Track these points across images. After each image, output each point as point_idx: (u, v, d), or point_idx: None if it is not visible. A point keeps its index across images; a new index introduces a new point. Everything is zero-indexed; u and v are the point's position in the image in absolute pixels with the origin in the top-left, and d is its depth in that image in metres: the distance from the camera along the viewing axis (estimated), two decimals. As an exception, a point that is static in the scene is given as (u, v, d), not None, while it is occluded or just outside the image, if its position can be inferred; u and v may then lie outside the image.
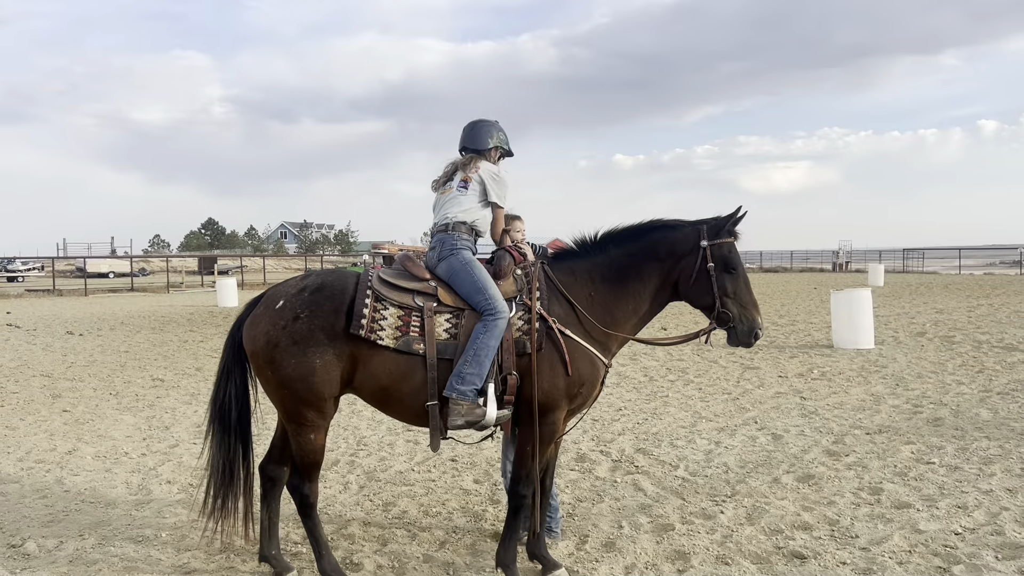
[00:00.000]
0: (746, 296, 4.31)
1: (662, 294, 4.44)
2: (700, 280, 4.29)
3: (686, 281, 4.33)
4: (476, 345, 4.01)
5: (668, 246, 4.36)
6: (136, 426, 8.16)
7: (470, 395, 4.00)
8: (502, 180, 4.55)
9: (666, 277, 4.38)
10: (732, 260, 4.30)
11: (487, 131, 4.66)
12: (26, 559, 4.62)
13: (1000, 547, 4.54)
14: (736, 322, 4.26)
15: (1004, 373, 10.26)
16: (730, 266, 4.29)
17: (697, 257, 4.29)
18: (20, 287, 41.92)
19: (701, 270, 4.28)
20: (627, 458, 6.63)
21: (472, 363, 3.99)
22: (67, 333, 17.69)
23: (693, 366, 11.43)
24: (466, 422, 4.02)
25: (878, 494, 5.52)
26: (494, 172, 4.54)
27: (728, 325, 4.27)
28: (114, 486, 6.06)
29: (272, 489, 4.51)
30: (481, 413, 4.01)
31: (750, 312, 4.28)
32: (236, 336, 4.45)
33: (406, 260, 4.47)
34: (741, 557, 4.50)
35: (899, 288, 30.46)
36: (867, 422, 7.73)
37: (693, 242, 4.32)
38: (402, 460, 6.69)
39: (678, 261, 4.34)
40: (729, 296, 4.27)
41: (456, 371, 4.02)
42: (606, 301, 4.36)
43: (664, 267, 4.37)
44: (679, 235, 4.37)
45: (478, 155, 4.60)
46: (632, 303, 4.39)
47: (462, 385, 3.99)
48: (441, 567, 4.46)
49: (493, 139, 4.65)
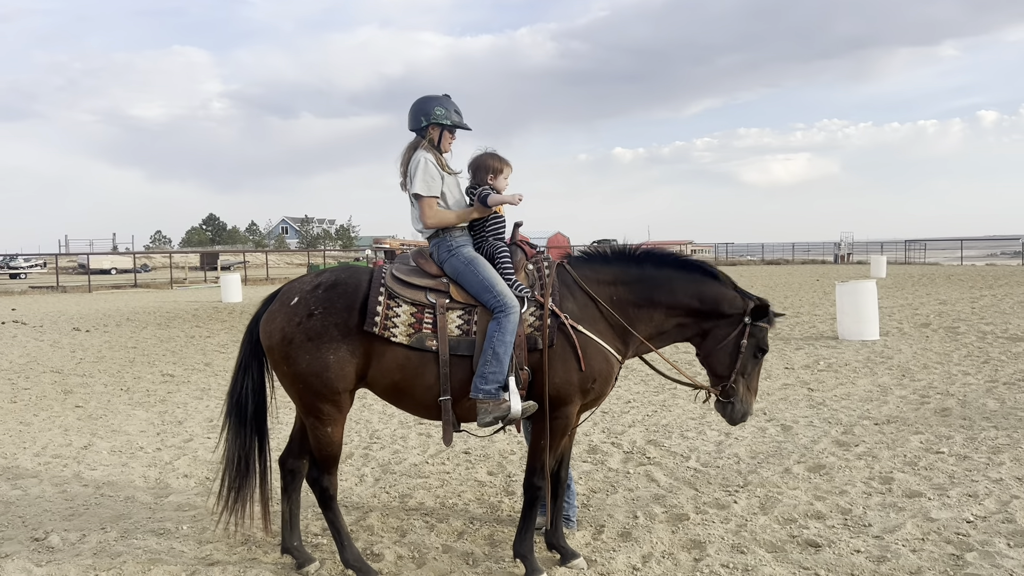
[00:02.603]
0: (755, 382, 4.50)
1: (684, 330, 4.50)
2: (728, 349, 4.39)
3: (715, 342, 4.42)
4: (492, 343, 4.06)
5: (714, 298, 4.42)
6: (149, 421, 8.23)
7: (494, 392, 4.05)
8: (417, 171, 4.32)
9: (698, 320, 4.44)
10: (763, 346, 4.45)
11: (422, 109, 4.46)
12: (51, 552, 4.68)
13: (1012, 535, 4.60)
14: (737, 402, 4.41)
15: (1010, 363, 10.31)
16: (760, 351, 4.43)
17: (735, 328, 4.38)
18: (23, 284, 41.99)
19: (734, 342, 4.38)
20: (639, 450, 6.69)
21: (492, 362, 4.04)
22: (74, 329, 17.76)
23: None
24: (494, 418, 4.07)
25: (889, 483, 5.58)
26: (414, 165, 4.35)
27: (729, 401, 4.42)
28: (131, 480, 6.13)
29: (292, 482, 4.57)
30: (507, 408, 4.06)
31: (751, 398, 4.47)
32: (253, 331, 4.51)
33: (419, 257, 4.50)
34: (756, 546, 4.56)
35: (902, 279, 30.49)
36: (875, 412, 7.78)
37: (739, 310, 4.40)
38: (415, 453, 6.75)
39: (717, 317, 4.41)
40: (743, 376, 4.41)
41: (478, 372, 4.07)
42: (628, 306, 4.40)
43: (700, 312, 4.43)
44: (728, 295, 4.43)
45: (411, 143, 4.48)
46: (655, 322, 4.44)
47: (486, 384, 4.04)
48: (460, 557, 4.52)
49: (428, 117, 4.44)
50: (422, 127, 4.46)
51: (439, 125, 4.45)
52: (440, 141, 4.47)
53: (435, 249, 4.44)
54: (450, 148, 4.55)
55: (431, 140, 4.45)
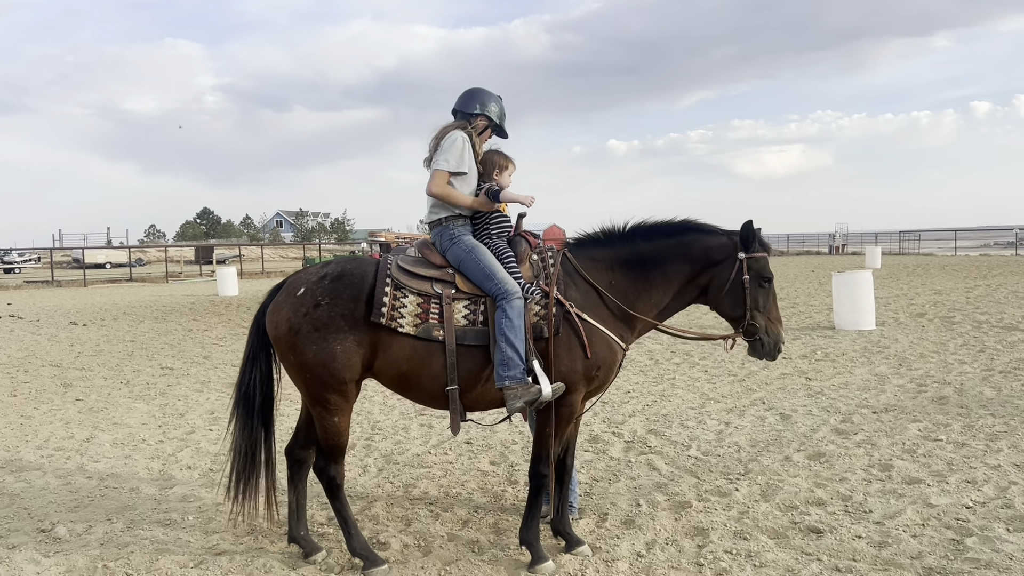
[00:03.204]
0: (774, 311, 4.42)
1: (686, 294, 4.50)
2: (734, 291, 4.36)
3: (718, 290, 4.40)
4: (503, 330, 4.08)
5: (702, 250, 4.41)
6: (150, 414, 8.24)
7: (520, 377, 4.06)
8: (451, 146, 4.34)
9: (693, 279, 4.44)
10: (766, 274, 4.39)
11: (479, 97, 4.55)
12: (57, 543, 4.70)
13: (1011, 520, 4.65)
14: (763, 335, 4.35)
15: (1005, 352, 10.39)
16: (764, 280, 4.37)
17: (733, 268, 4.35)
18: (18, 278, 41.84)
19: (736, 281, 4.35)
20: (639, 439, 6.73)
21: (506, 348, 4.06)
22: (71, 323, 17.73)
23: (697, 349, 11.54)
24: (524, 403, 4.06)
25: (888, 470, 5.63)
26: (451, 140, 4.36)
27: (755, 337, 4.36)
28: (135, 472, 6.15)
29: (299, 472, 4.60)
30: (537, 391, 4.06)
31: (776, 327, 4.40)
32: (260, 322, 4.53)
33: (424, 248, 4.52)
34: (759, 532, 4.61)
35: (896, 270, 30.61)
36: (873, 401, 7.84)
37: (730, 251, 4.38)
38: (418, 443, 6.79)
39: (711, 266, 4.40)
40: (759, 310, 4.36)
41: (497, 361, 4.08)
42: (626, 290, 4.42)
43: (693, 269, 4.42)
44: (714, 241, 4.42)
45: (455, 122, 4.51)
46: (654, 297, 4.45)
47: (508, 371, 4.06)
48: (466, 545, 4.56)
49: (482, 107, 4.51)
50: (475, 113, 4.52)
51: (488, 120, 4.54)
52: (482, 133, 4.55)
53: (437, 238, 4.46)
54: (481, 148, 4.57)
55: (475, 128, 4.52)
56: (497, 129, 4.64)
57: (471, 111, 4.53)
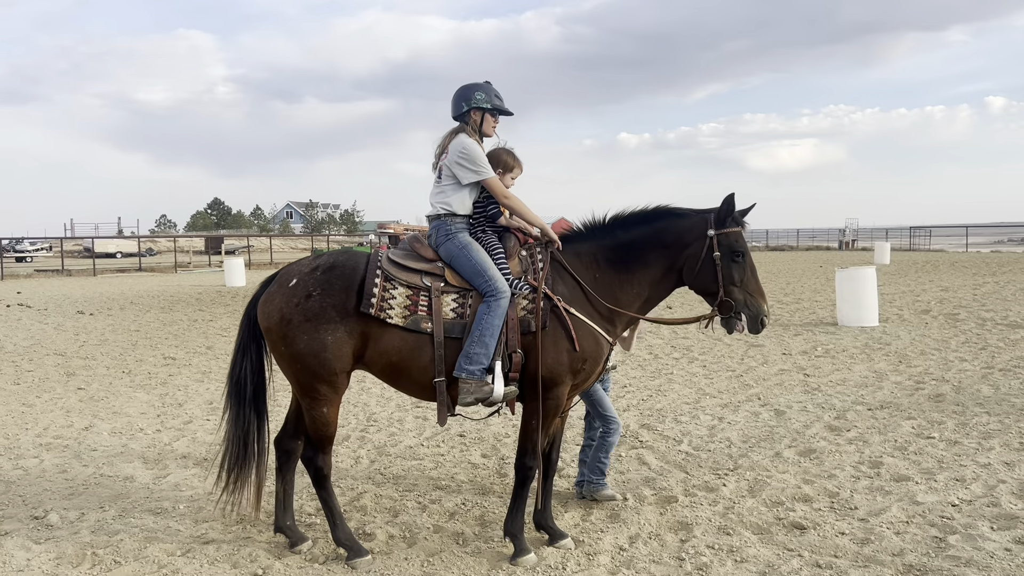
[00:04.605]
0: (752, 284, 4.34)
1: (667, 281, 4.50)
2: (705, 269, 4.34)
3: (691, 270, 4.39)
4: (481, 326, 4.13)
5: (674, 234, 4.41)
6: (150, 403, 8.32)
7: (478, 374, 4.12)
8: (469, 154, 4.40)
9: (671, 264, 4.44)
10: (739, 248, 4.32)
11: (463, 95, 4.56)
12: (49, 529, 4.77)
13: (995, 518, 4.65)
14: (742, 309, 4.30)
15: (1007, 350, 10.34)
16: (736, 254, 4.30)
17: (703, 246, 4.33)
18: (29, 267, 42.18)
19: (707, 259, 4.33)
20: (632, 433, 6.75)
21: (478, 343, 4.11)
22: (78, 313, 17.89)
23: (698, 344, 11.54)
24: (475, 399, 4.15)
25: (878, 467, 5.63)
26: (460, 149, 4.41)
27: (731, 313, 4.33)
28: (131, 461, 6.22)
29: (287, 462, 4.65)
30: (489, 390, 4.14)
31: (756, 300, 4.32)
32: (251, 313, 4.58)
33: (415, 241, 4.57)
34: (742, 528, 4.63)
35: (905, 266, 30.44)
36: (869, 398, 7.83)
37: (700, 231, 4.36)
38: (411, 435, 6.83)
39: (684, 249, 4.40)
40: (735, 284, 4.31)
41: (464, 352, 4.15)
42: (610, 283, 4.44)
43: (670, 254, 4.42)
44: (685, 223, 4.41)
45: (455, 127, 4.57)
46: (636, 287, 4.46)
47: (470, 365, 4.12)
48: (451, 536, 4.60)
49: (469, 102, 4.53)
50: (463, 112, 4.54)
51: (480, 109, 4.54)
52: (483, 124, 4.56)
53: (434, 232, 4.50)
54: (494, 132, 4.63)
55: (474, 125, 4.53)
56: (495, 111, 4.60)
57: (461, 112, 4.57)
